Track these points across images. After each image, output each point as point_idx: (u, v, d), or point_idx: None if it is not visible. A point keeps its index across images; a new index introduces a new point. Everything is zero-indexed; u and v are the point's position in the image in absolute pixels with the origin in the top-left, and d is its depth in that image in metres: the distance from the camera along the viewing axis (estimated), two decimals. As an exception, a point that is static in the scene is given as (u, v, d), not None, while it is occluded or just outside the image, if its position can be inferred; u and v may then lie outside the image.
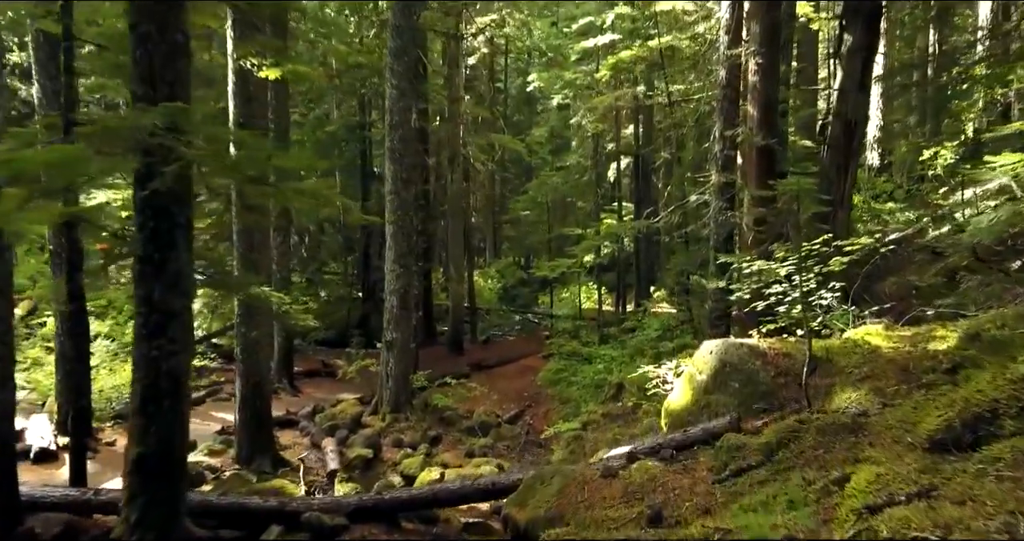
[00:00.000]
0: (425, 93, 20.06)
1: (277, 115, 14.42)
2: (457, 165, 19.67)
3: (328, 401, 14.11)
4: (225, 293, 7.58)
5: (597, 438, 11.58)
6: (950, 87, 17.96)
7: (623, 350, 15.44)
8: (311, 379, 16.11)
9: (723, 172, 10.77)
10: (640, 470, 5.53)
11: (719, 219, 10.71)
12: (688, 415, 6.72)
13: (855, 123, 9.93)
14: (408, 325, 12.77)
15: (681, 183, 19.91)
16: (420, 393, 14.26)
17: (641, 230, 11.73)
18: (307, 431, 11.95)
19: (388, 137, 12.41)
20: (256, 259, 9.44)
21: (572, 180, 25.00)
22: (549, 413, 14.49)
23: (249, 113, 9.25)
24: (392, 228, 12.44)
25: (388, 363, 12.67)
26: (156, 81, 4.56)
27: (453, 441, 12.47)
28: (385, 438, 12.09)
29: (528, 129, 29.93)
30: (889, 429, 4.47)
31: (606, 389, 14.07)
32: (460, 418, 13.47)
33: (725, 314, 10.82)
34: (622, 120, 23.52)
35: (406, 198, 12.47)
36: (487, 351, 20.74)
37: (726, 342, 6.74)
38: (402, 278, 12.56)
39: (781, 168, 10.99)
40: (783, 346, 6.60)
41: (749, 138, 9.96)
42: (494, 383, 17.01)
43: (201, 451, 10.17)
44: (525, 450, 12.38)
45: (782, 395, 6.15)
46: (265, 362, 9.85)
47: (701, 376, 6.74)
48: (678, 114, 15.50)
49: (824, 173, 10.26)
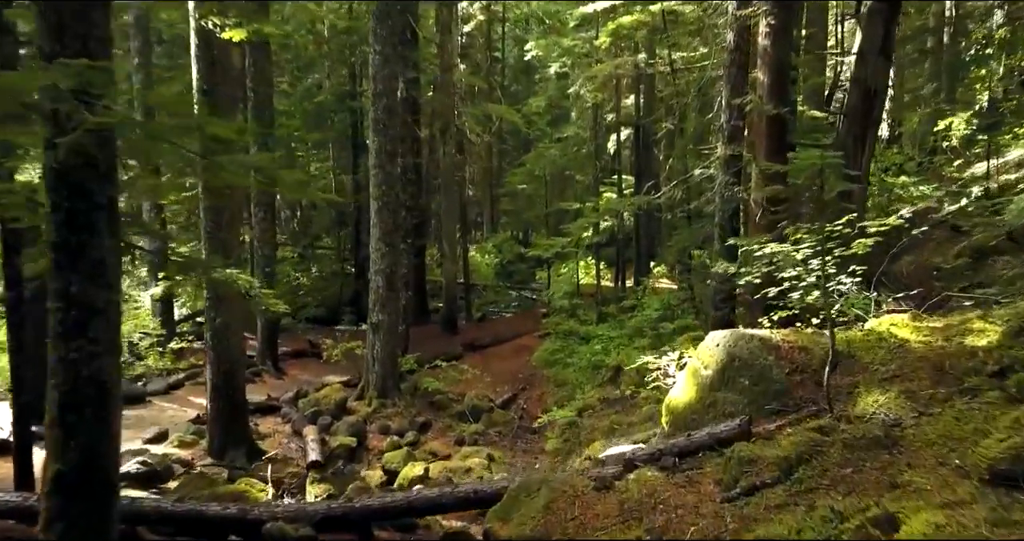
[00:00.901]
0: (416, 61, 19.19)
1: (256, 83, 13.63)
2: (450, 137, 18.86)
3: (314, 384, 13.49)
4: (181, 277, 6.86)
5: (593, 425, 10.99)
6: (967, 54, 17.13)
7: (621, 330, 14.80)
8: (297, 360, 15.47)
9: (729, 144, 10.02)
10: (638, 482, 4.89)
11: (725, 194, 9.98)
12: (692, 413, 6.08)
13: (875, 90, 9.16)
14: (395, 306, 12.11)
15: (683, 155, 19.11)
16: (409, 376, 13.66)
17: (641, 206, 10.99)
18: (289, 418, 11.35)
19: (372, 107, 11.63)
20: (225, 238, 8.74)
21: (571, 152, 24.14)
22: (544, 396, 13.90)
23: (213, 79, 8.48)
24: (377, 204, 11.72)
25: (374, 346, 12.03)
26: (65, 35, 3.83)
27: (442, 427, 11.87)
28: (371, 425, 11.50)
29: (527, 99, 28.94)
30: (930, 446, 3.81)
31: (603, 372, 13.48)
32: (451, 402, 12.87)
33: (730, 295, 10.15)
34: (622, 90, 22.63)
35: (392, 172, 11.72)
36: (482, 330, 20.12)
37: (735, 334, 6.06)
38: (388, 257, 11.86)
39: (791, 140, 10.23)
40: (798, 339, 5.92)
41: (759, 106, 9.19)
42: (488, 364, 16.40)
43: (171, 442, 9.55)
44: (518, 437, 11.79)
45: (798, 395, 5.49)
46: (238, 347, 9.20)
47: (707, 371, 6.07)
48: (681, 82, 14.66)
49: (839, 144, 9.51)
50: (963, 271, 8.62)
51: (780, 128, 9.53)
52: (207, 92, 8.46)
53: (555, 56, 22.49)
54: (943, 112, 17.71)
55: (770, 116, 9.31)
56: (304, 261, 27.42)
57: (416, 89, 19.16)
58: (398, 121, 12.06)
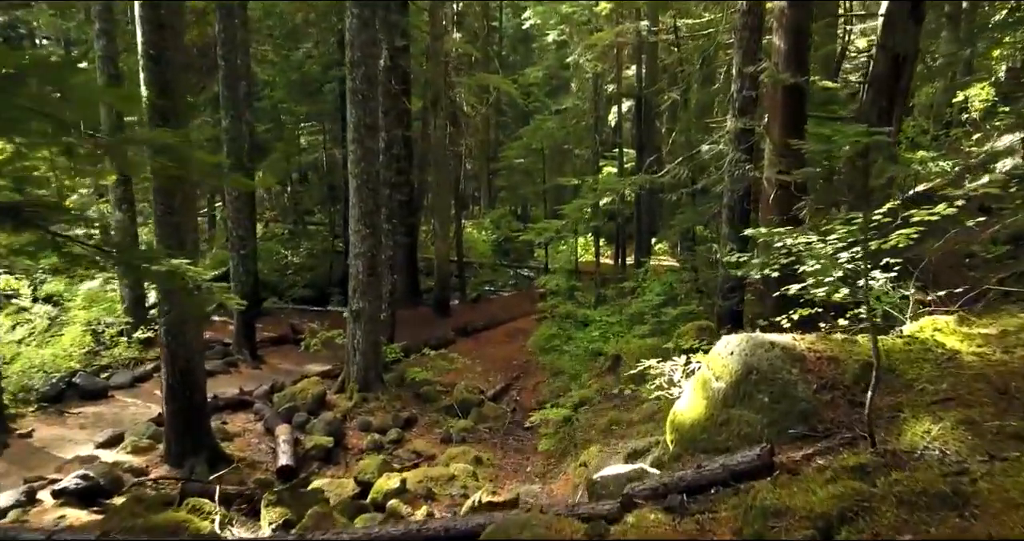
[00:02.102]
0: (405, 28, 18.09)
1: (227, 51, 12.60)
2: (441, 109, 17.82)
3: (294, 375, 12.67)
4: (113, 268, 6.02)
5: (590, 422, 10.19)
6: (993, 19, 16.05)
7: (621, 316, 13.93)
8: (278, 348, 14.63)
9: (740, 117, 9.07)
10: (638, 528, 4.06)
11: (735, 173, 9.06)
12: (702, 432, 5.23)
13: (904, 57, 8.18)
14: (377, 293, 11.24)
15: (688, 129, 18.11)
16: (395, 366, 12.84)
17: (643, 185, 10.07)
18: (262, 414, 10.54)
19: (350, 76, 10.65)
20: (179, 223, 7.83)
21: (570, 125, 23.06)
22: (539, 387, 13.09)
23: (162, 43, 7.51)
24: (356, 182, 10.79)
25: (355, 336, 11.18)
26: None
27: (429, 423, 11.08)
28: (351, 421, 10.70)
29: (524, 70, 27.78)
30: (1015, 508, 2.95)
31: (602, 361, 12.67)
32: (439, 394, 12.07)
33: (739, 284, 9.27)
34: (623, 59, 21.53)
35: (372, 147, 10.78)
36: (476, 312, 19.29)
37: (752, 340, 5.18)
38: (368, 240, 10.96)
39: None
40: (826, 347, 5.05)
41: (774, 75, 8.22)
42: (481, 349, 15.59)
43: (125, 447, 8.72)
44: (510, 433, 11.00)
45: (828, 417, 4.62)
46: (196, 342, 8.33)
47: (718, 383, 5.21)
48: (686, 49, 13.63)
49: (863, 117, 8.56)
50: (1002, 260, 7.71)
51: (798, 99, 8.56)
52: (154, 58, 7.49)
53: (553, 23, 21.37)
54: (961, 83, 16.67)
55: (787, 86, 8.34)
56: (294, 238, 26.48)
57: (406, 58, 18.08)
58: (378, 92, 11.07)
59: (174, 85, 7.66)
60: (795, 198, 8.82)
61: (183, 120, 7.81)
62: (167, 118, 7.57)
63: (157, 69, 7.52)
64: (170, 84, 7.59)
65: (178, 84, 7.73)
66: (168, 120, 7.57)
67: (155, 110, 7.55)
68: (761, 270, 5.65)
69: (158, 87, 7.51)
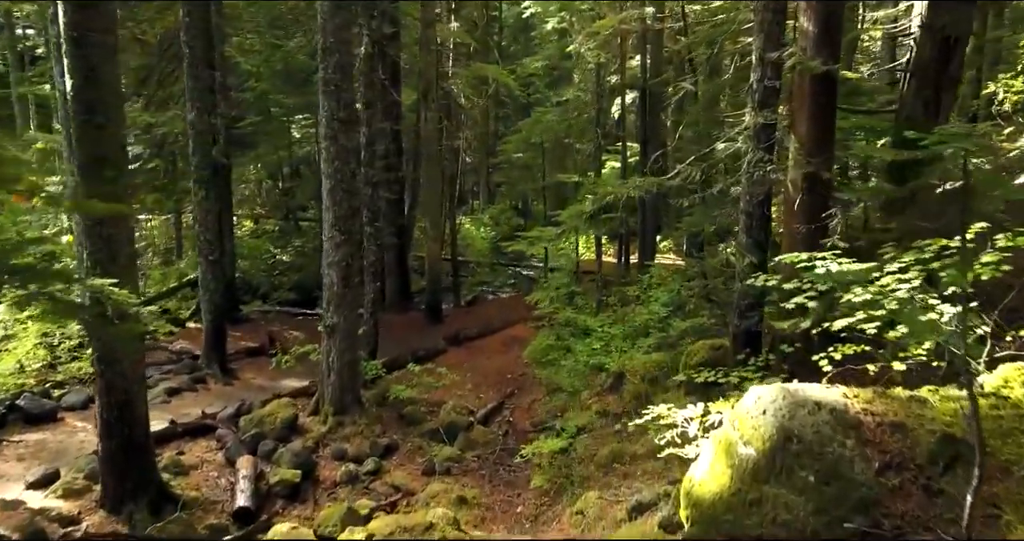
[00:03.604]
0: (395, 15, 16.94)
1: (192, 36, 11.49)
2: (432, 101, 16.67)
3: (268, 391, 11.57)
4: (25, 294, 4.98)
5: (590, 452, 9.14)
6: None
7: (624, 327, 12.81)
8: (254, 360, 13.49)
9: (761, 110, 7.92)
10: None
11: (755, 174, 7.91)
12: (726, 511, 4.14)
13: (954, 40, 7.05)
14: (354, 306, 10.17)
15: (696, 123, 16.94)
16: (377, 382, 11.75)
17: (650, 189, 8.95)
18: (224, 442, 9.46)
19: (321, 65, 9.56)
20: (110, 235, 6.73)
21: (571, 118, 21.84)
22: (534, 405, 12.02)
23: (86, 23, 6.39)
24: (329, 183, 9.71)
25: (330, 353, 10.11)
26: None
27: (411, 450, 10.01)
28: (324, 449, 9.65)
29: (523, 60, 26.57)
30: None
31: (603, 377, 11.59)
32: (424, 415, 11.01)
33: (759, 302, 8.16)
34: (627, 49, 20.32)
35: (347, 145, 9.68)
36: (470, 316, 18.18)
37: (790, 396, 4.07)
38: (344, 247, 9.88)
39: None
40: (887, 409, 3.94)
41: (803, 61, 7.09)
42: (473, 361, 14.50)
43: (55, 491, 7.60)
44: (500, 462, 9.93)
45: (897, 509, 3.53)
46: (134, 371, 7.24)
47: (747, 449, 4.12)
48: (697, 36, 12.51)
49: (905, 110, 7.45)
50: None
51: (828, 90, 7.44)
52: (77, 41, 6.38)
53: (553, 10, 20.18)
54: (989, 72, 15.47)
55: (817, 74, 7.22)
56: (285, 235, 25.39)
57: (395, 47, 16.93)
58: (353, 82, 9.95)
59: (103, 72, 6.55)
60: (824, 203, 7.72)
61: (115, 113, 6.70)
62: (93, 110, 6.48)
63: (80, 53, 6.41)
64: (97, 71, 6.49)
65: (108, 71, 6.62)
66: (95, 113, 6.49)
67: (79, 101, 6.46)
68: (817, 326, 4.56)
69: (82, 74, 6.41)
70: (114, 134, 6.67)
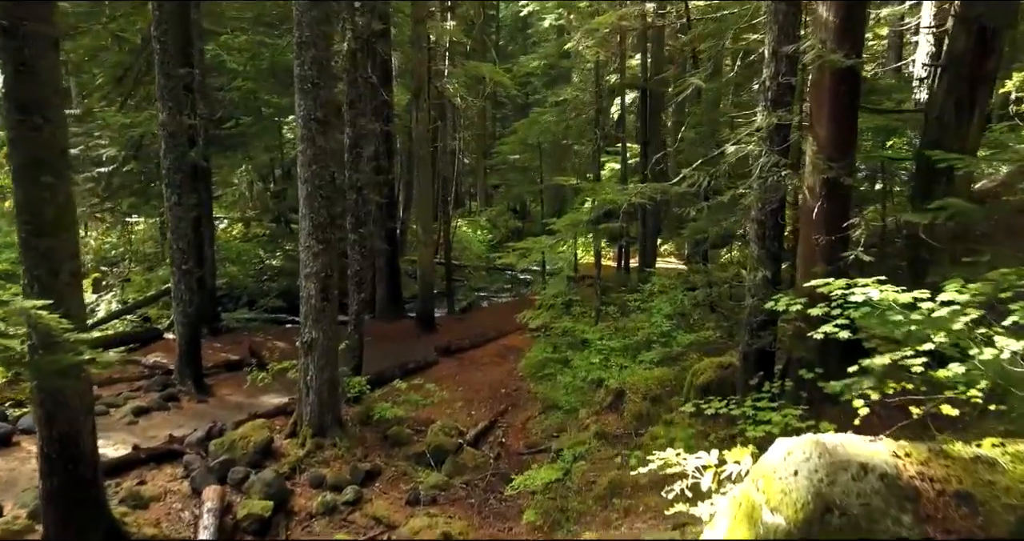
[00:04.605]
0: (385, 11, 16.24)
1: (162, 31, 10.79)
2: (424, 101, 15.96)
3: (245, 410, 10.82)
4: None
5: (587, 480, 8.43)
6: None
7: (624, 339, 12.08)
8: (232, 375, 12.70)
9: (774, 109, 7.22)
10: None
11: (768, 180, 7.20)
12: (747, 593, 3.41)
13: (992, 31, 6.33)
14: (332, 321, 9.44)
15: (698, 124, 16.26)
16: (361, 400, 11.02)
17: (654, 196, 8.24)
18: (191, 469, 8.73)
19: (296, 60, 8.84)
20: (51, 249, 6.01)
21: (569, 118, 21.10)
22: (529, 424, 11.29)
23: (19, 13, 5.66)
24: (306, 188, 8.98)
25: (308, 371, 9.39)
26: None
27: (395, 476, 9.27)
28: (300, 475, 8.92)
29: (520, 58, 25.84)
30: None
31: (602, 393, 10.87)
32: (411, 436, 10.27)
33: (772, 320, 7.44)
34: (627, 47, 19.59)
35: (325, 146, 8.96)
36: (464, 325, 17.45)
37: (827, 454, 3.34)
38: (322, 257, 9.17)
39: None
40: (948, 473, 3.22)
41: (824, 56, 6.37)
42: (465, 374, 13.78)
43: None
44: (491, 490, 9.19)
45: (968, 609, 2.80)
46: (80, 399, 6.50)
47: (774, 517, 3.39)
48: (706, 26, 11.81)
49: (936, 109, 6.73)
50: None
51: (851, 86, 6.73)
52: (9, 32, 5.67)
53: (551, 6, 19.49)
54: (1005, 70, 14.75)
55: (838, 69, 6.51)
56: (275, 239, 24.66)
57: (385, 44, 16.22)
58: (331, 81, 9.23)
59: (40, 68, 5.84)
60: (845, 212, 7.01)
61: (54, 113, 5.98)
62: (28, 109, 5.77)
63: (13, 46, 5.69)
64: (33, 65, 5.77)
65: (46, 66, 5.90)
66: (30, 112, 5.78)
67: (12, 99, 5.75)
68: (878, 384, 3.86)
69: (14, 69, 5.70)
70: (53, 135, 5.95)
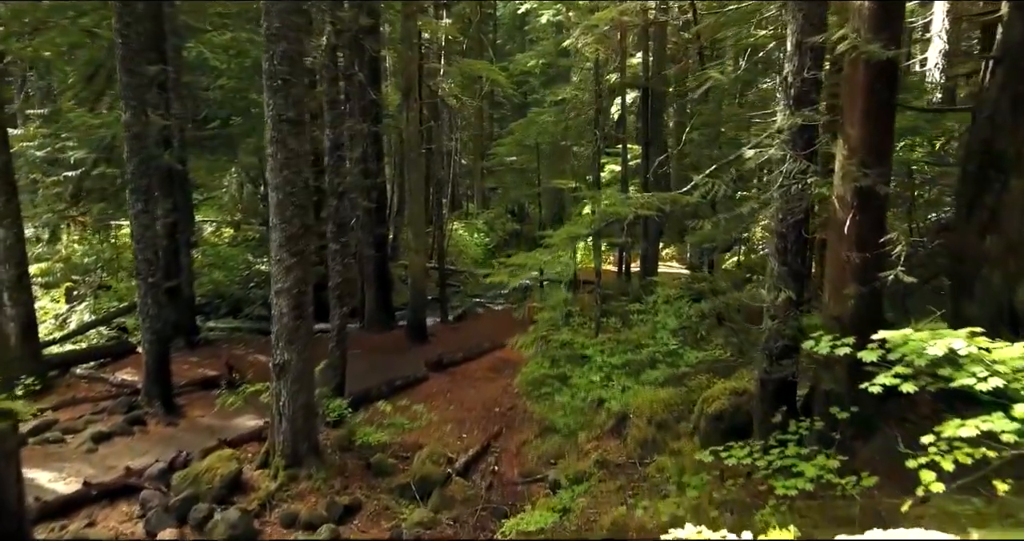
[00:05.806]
0: (374, 7, 15.43)
1: (124, 24, 9.92)
2: (415, 100, 15.12)
3: (218, 434, 9.94)
4: None
5: (587, 519, 7.63)
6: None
7: (626, 355, 11.24)
8: (207, 393, 11.79)
9: (798, 108, 6.38)
10: None
11: (792, 188, 6.37)
12: None
13: (1056, 18, 5.50)
14: (307, 341, 8.60)
15: (702, 125, 15.42)
16: (343, 423, 10.19)
17: (662, 208, 7.39)
18: (149, 507, 7.89)
19: (265, 54, 7.99)
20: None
21: (568, 119, 20.27)
22: (524, 449, 10.43)
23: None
24: (277, 196, 8.14)
25: (280, 396, 8.55)
26: None
27: (376, 511, 8.44)
28: (271, 513, 8.11)
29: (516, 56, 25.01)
30: None
31: (603, 415, 10.07)
32: (395, 465, 9.46)
33: (795, 346, 6.60)
34: (627, 44, 18.77)
35: (297, 150, 8.12)
36: (458, 335, 16.60)
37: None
38: (296, 271, 8.33)
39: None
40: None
41: (860, 47, 5.54)
42: (457, 390, 12.93)
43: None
44: (482, 527, 8.35)
45: None
46: (2, 443, 5.68)
47: None
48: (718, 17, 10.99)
49: (988, 107, 5.91)
50: None
51: (888, 81, 5.90)
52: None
53: (548, 2, 18.66)
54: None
55: (875, 63, 5.67)
56: (264, 244, 23.79)
57: (373, 41, 15.38)
58: (303, 77, 8.39)
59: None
60: (881, 225, 6.18)
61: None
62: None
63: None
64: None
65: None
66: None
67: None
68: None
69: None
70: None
